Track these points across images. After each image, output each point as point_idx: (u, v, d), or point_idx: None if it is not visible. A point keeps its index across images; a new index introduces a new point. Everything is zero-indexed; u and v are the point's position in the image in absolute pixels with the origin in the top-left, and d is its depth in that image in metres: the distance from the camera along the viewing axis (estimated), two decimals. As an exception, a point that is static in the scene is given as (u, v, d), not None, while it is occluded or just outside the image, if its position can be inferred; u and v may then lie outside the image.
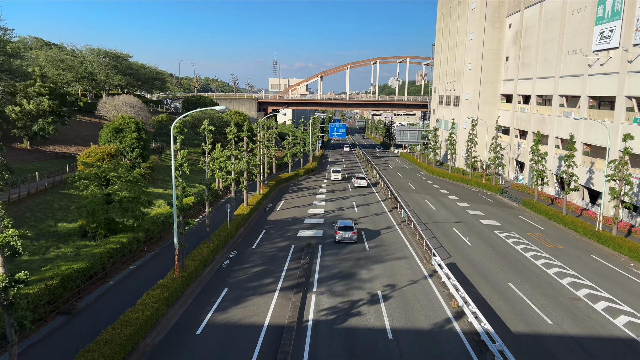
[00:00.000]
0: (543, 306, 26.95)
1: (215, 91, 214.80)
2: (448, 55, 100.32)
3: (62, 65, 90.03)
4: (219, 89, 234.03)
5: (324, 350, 21.57)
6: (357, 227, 45.15)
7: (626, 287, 30.55)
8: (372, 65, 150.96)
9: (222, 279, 30.70)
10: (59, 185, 46.82)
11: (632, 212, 45.07)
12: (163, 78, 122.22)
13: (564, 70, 59.28)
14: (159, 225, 39.59)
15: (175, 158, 28.74)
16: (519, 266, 34.24)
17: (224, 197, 59.35)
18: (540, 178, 54.77)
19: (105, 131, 57.78)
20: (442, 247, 38.55)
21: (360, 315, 25.34)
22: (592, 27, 52.47)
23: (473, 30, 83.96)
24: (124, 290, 28.25)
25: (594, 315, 25.89)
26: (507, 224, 47.89)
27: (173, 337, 22.73)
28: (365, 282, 30.38)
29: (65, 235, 35.90)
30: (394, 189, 64.83)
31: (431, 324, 24.41)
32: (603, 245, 40.05)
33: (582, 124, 53.47)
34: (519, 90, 74.49)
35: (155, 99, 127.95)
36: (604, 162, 45.56)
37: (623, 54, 46.77)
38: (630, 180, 39.73)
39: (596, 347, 22.33)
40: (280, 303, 26.67)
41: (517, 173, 75.44)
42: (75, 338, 21.77)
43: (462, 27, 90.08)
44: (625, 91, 46.69)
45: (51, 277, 25.09)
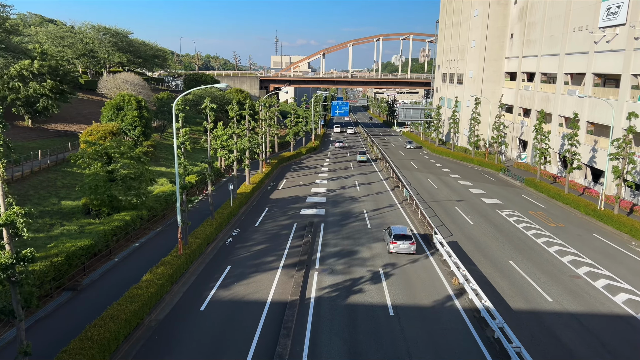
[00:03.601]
0: (543, 284, 27.22)
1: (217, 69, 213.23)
2: (452, 32, 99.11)
3: (62, 42, 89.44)
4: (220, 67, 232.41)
5: (326, 326, 21.86)
6: (360, 205, 45.22)
7: (626, 265, 30.79)
8: (375, 42, 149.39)
9: (225, 257, 30.97)
10: (62, 164, 46.94)
11: (634, 191, 45.10)
12: (164, 55, 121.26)
13: (570, 48, 58.62)
14: (162, 203, 39.82)
15: (177, 136, 28.74)
16: (520, 244, 34.45)
17: (227, 175, 59.45)
18: (543, 157, 54.70)
19: (106, 109, 57.60)
20: (443, 226, 38.75)
21: (362, 292, 25.63)
22: (599, 3, 51.69)
23: (478, 6, 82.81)
24: (128, 267, 28.56)
25: (594, 293, 26.15)
26: (509, 202, 48.01)
27: (177, 313, 23.05)
28: (367, 260, 30.64)
29: (69, 213, 36.13)
30: (396, 167, 64.86)
31: (432, 301, 24.69)
32: (604, 223, 40.21)
33: (587, 102, 53.11)
34: (523, 67, 73.82)
35: (156, 77, 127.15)
36: (607, 140, 45.41)
37: (630, 30, 46.19)
38: (633, 159, 39.67)
39: (595, 324, 22.61)
40: (283, 280, 26.96)
41: (520, 152, 75.27)
42: (81, 314, 22.11)
43: (466, 4, 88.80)
44: (631, 69, 46.25)
45: (56, 254, 25.36)
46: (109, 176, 35.26)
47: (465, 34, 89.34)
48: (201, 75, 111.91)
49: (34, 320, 21.75)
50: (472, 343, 20.60)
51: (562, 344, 20.80)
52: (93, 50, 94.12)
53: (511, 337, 19.61)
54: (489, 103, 79.06)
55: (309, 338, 20.80)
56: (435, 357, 19.46)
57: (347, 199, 48.18)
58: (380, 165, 71.57)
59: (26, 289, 15.13)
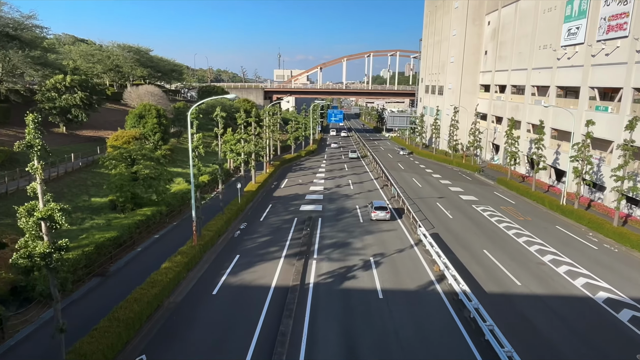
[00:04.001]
0: (513, 270, 27.37)
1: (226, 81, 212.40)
2: (434, 49, 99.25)
3: (92, 59, 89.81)
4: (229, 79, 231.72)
5: (323, 308, 22.00)
6: (353, 202, 45.40)
7: (585, 253, 31.01)
8: (366, 57, 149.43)
9: (234, 247, 31.04)
10: (92, 165, 46.86)
11: (592, 189, 45.38)
12: (180, 70, 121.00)
13: (536, 63, 58.89)
14: (179, 200, 39.84)
15: (192, 141, 28.82)
16: (493, 236, 34.64)
17: (235, 175, 59.44)
18: (513, 159, 54.96)
19: (130, 117, 57.63)
20: (426, 220, 38.86)
21: (355, 278, 25.72)
22: (561, 25, 51.98)
23: (456, 27, 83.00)
24: (149, 256, 28.57)
25: (557, 278, 26.37)
26: (484, 199, 48.20)
27: (193, 296, 23.15)
28: (359, 250, 30.69)
29: (98, 209, 36.14)
30: (385, 168, 64.97)
31: (416, 285, 24.83)
32: (566, 217, 40.47)
33: (551, 111, 53.41)
34: (495, 80, 74.04)
35: (173, 89, 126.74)
36: (568, 144, 45.60)
37: (587, 48, 46.49)
38: (591, 161, 39.96)
39: (557, 304, 22.84)
40: (285, 268, 27.01)
41: (493, 154, 75.48)
42: (108, 297, 22.14)
43: (446, 24, 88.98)
44: (589, 82, 46.57)
45: (87, 245, 25.51)
46: (132, 176, 35.29)
47: (445, 51, 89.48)
48: (213, 87, 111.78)
49: (68, 302, 21.85)
50: (451, 322, 20.79)
51: (529, 322, 21.01)
52: (119, 65, 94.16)
53: (485, 317, 19.76)
54: (466, 112, 79.28)
55: (308, 318, 20.94)
56: (419, 334, 19.64)
57: (341, 196, 48.25)
58: (370, 166, 71.63)
59: (62, 274, 15.26)
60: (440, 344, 18.92)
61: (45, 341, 18.30)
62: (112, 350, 17.23)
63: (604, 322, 21.26)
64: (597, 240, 34.34)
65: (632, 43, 39.85)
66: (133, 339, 18.75)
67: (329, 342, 19.02)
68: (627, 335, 20.15)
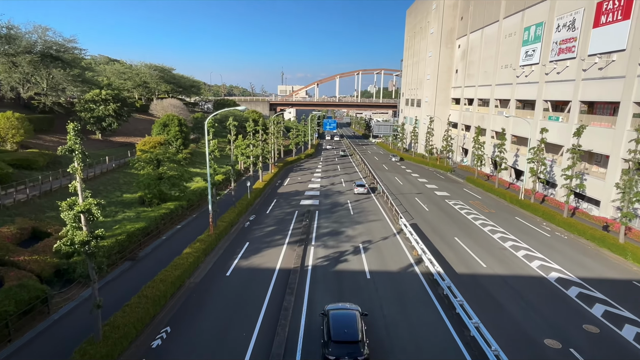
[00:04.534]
0: (479, 254, 27.52)
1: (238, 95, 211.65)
2: (412, 68, 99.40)
3: (123, 76, 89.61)
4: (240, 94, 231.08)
5: (320, 286, 22.08)
6: (345, 197, 45.43)
7: (539, 240, 31.19)
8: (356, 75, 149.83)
9: (244, 236, 31.04)
10: (123, 166, 46.76)
11: (545, 186, 45.60)
12: (198, 85, 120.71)
13: (498, 80, 59.07)
14: (197, 195, 39.78)
15: (209, 146, 28.84)
16: (462, 225, 34.77)
17: (245, 175, 59.36)
18: (479, 160, 55.13)
19: (155, 126, 57.46)
20: (407, 212, 38.97)
21: (346, 261, 25.80)
22: (520, 48, 52.15)
23: (431, 49, 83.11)
24: (173, 243, 28.58)
25: (516, 261, 26.51)
26: (455, 194, 48.35)
27: (210, 277, 23.19)
28: (351, 237, 30.76)
29: (129, 203, 36.08)
30: (371, 168, 65.07)
31: (398, 267, 24.92)
32: (524, 210, 40.64)
33: (511, 121, 53.63)
34: (465, 95, 74.22)
35: (192, 101, 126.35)
36: (526, 149, 45.88)
37: (542, 68, 46.68)
38: (544, 162, 40.13)
39: (516, 283, 22.99)
40: (288, 253, 27.08)
41: (463, 157, 75.68)
42: (138, 278, 22.22)
43: (423, 47, 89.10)
44: (543, 96, 46.75)
45: (120, 234, 25.47)
46: (158, 176, 35.22)
47: (422, 70, 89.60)
48: (226, 100, 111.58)
49: (104, 282, 21.90)
50: (427, 298, 20.91)
51: (492, 297, 21.16)
52: (146, 82, 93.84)
53: (456, 293, 19.92)
54: (440, 121, 79.45)
55: (307, 295, 21.04)
56: (400, 308, 19.76)
57: (335, 193, 48.29)
58: (360, 167, 71.61)
59: (98, 259, 15.27)
60: (418, 316, 19.03)
61: (84, 316, 18.30)
62: (141, 323, 17.28)
63: (555, 297, 21.43)
64: (549, 229, 34.55)
65: (579, 63, 40.06)
66: (159, 314, 18.80)
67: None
68: (574, 308, 20.33)
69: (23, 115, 42.89)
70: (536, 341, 17.37)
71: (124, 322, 16.28)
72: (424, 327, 18.06)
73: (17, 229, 24.30)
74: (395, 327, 18.01)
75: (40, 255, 21.60)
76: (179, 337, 17.15)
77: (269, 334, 17.36)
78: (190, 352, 16.11)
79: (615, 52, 35.22)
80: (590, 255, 28.09)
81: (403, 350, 16.39)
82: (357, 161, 77.73)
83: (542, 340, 17.48)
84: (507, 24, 56.59)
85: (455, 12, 78.14)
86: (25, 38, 53.53)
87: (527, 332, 18.00)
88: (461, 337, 17.37)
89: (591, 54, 38.29)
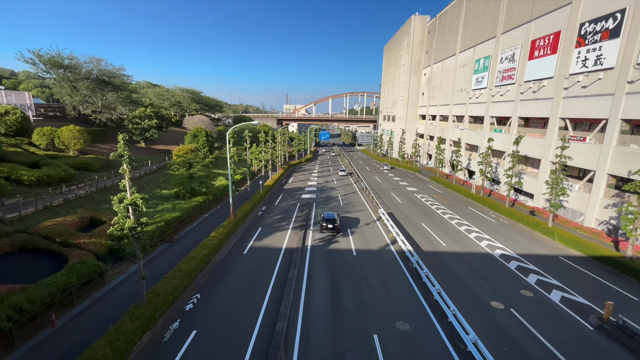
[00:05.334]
0: (441, 236, 27.50)
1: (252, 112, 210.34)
2: (389, 91, 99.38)
3: (162, 97, 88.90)
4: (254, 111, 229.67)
5: (317, 261, 22.01)
6: (336, 192, 45.13)
7: (487, 224, 31.24)
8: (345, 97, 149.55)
9: (258, 222, 30.87)
10: (162, 168, 46.37)
11: (492, 183, 45.82)
12: (221, 105, 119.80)
13: (456, 100, 59.17)
14: (220, 191, 39.53)
15: (229, 152, 28.69)
16: (428, 214, 34.79)
17: (258, 175, 59.12)
18: (440, 163, 55.23)
19: (187, 136, 57.07)
20: (385, 204, 39.00)
21: (337, 242, 25.71)
22: (472, 75, 52.26)
23: (403, 76, 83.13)
24: (201, 228, 28.39)
25: (469, 241, 26.55)
26: (422, 189, 48.38)
27: (230, 255, 23.05)
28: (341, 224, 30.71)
29: (167, 197, 35.83)
30: (356, 169, 65.01)
31: (378, 246, 24.88)
32: (475, 201, 40.75)
33: (465, 132, 53.78)
34: (429, 112, 74.27)
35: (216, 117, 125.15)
36: (476, 154, 46.02)
37: (489, 91, 46.80)
38: (491, 164, 40.29)
39: (469, 258, 23.05)
40: (292, 236, 26.96)
41: (428, 160, 75.75)
42: (174, 256, 22.08)
43: (397, 75, 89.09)
44: (490, 113, 46.86)
45: (159, 221, 25.33)
46: (189, 175, 35.05)
47: (396, 92, 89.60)
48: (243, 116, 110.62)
49: (147, 259, 21.77)
50: (400, 270, 20.94)
51: (451, 269, 21.25)
52: (180, 102, 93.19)
53: (422, 266, 19.99)
54: (410, 132, 79.46)
55: (307, 268, 21.00)
56: (380, 277, 19.79)
57: (329, 189, 48.15)
58: (348, 169, 71.39)
59: (142, 241, 15.21)
60: (393, 283, 19.09)
61: (132, 285, 18.21)
62: (177, 291, 17.21)
63: (499, 269, 21.54)
64: (495, 216, 34.70)
65: (518, 87, 40.24)
66: (191, 284, 18.73)
67: (321, 282, 19.11)
68: (514, 278, 20.47)
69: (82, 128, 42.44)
70: (484, 303, 17.49)
71: (163, 290, 16.21)
72: (398, 293, 18.13)
73: (78, 217, 24.11)
74: (375, 292, 18.06)
75: (96, 239, 21.45)
76: (206, 302, 17.09)
77: (277, 299, 17.35)
78: (215, 314, 16.07)
79: (545, 79, 35.43)
80: (526, 236, 28.26)
81: (382, 308, 16.45)
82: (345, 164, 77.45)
83: (489, 302, 17.60)
84: (462, 57, 56.70)
85: (422, 47, 78.20)
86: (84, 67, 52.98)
87: (478, 296, 18.12)
88: (427, 300, 17.45)
89: (527, 80, 38.48)
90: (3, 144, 34.36)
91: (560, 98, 33.09)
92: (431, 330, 15.10)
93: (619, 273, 21.44)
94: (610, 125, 27.65)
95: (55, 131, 40.42)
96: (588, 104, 29.92)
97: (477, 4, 51.31)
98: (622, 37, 26.62)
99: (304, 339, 14.46)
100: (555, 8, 34.07)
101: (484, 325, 15.56)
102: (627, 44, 26.25)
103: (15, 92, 53.58)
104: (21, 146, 37.53)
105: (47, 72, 51.80)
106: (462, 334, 14.18)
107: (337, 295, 17.79)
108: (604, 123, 28.57)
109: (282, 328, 14.74)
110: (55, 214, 24.77)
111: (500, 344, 14.46)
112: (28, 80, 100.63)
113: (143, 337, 14.18)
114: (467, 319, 15.86)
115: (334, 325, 15.30)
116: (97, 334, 14.23)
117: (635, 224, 21.97)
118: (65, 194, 28.83)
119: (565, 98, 32.60)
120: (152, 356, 13.42)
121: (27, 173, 28.67)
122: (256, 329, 15.00)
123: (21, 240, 19.73)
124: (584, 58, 30.32)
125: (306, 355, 13.53)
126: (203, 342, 14.15)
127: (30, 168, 30.29)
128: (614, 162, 27.33)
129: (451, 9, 61.60)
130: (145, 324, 14.37)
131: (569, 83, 32.03)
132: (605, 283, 20.04)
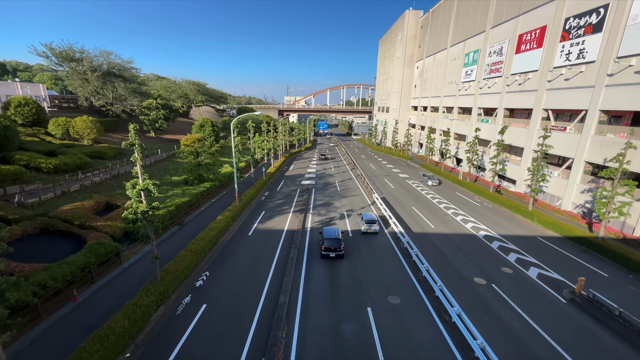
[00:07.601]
0: (429, 219, 27.56)
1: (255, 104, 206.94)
2: (383, 84, 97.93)
3: (169, 89, 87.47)
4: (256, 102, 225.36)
5: (315, 242, 22.08)
6: (334, 179, 45.02)
7: (472, 208, 31.35)
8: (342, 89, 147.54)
9: (261, 206, 30.85)
10: (171, 156, 45.94)
11: (478, 170, 45.85)
12: (225, 96, 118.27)
13: (446, 92, 58.46)
14: (226, 178, 39.35)
15: (234, 141, 28.45)
16: (418, 198, 34.81)
17: (261, 162, 58.77)
18: (430, 151, 55.06)
19: (194, 126, 56.37)
20: (378, 189, 39.04)
21: (335, 224, 25.74)
22: (462, 69, 51.44)
23: (397, 70, 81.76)
24: (209, 212, 28.37)
25: (455, 223, 26.66)
26: (412, 176, 48.31)
27: (236, 236, 23.12)
28: (337, 207, 30.62)
29: (176, 184, 35.66)
30: (352, 157, 64.76)
31: (371, 228, 25.02)
32: (462, 187, 40.78)
33: (454, 123, 53.40)
34: (421, 103, 73.47)
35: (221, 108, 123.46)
36: (464, 143, 45.85)
37: (477, 83, 46.19)
38: (477, 152, 40.19)
39: (456, 239, 23.22)
40: (293, 219, 27.00)
41: (419, 149, 75.47)
42: (184, 237, 22.14)
43: (391, 68, 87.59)
44: (478, 104, 46.40)
45: (170, 206, 25.31)
46: (197, 163, 34.82)
47: (390, 85, 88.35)
48: (246, 107, 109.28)
49: (159, 240, 21.86)
50: (392, 250, 21.12)
51: (438, 249, 21.45)
52: (186, 94, 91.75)
53: (412, 246, 20.20)
54: (403, 123, 78.82)
55: (307, 248, 21.14)
56: (372, 256, 20.01)
57: (327, 175, 48.02)
58: (345, 157, 71.15)
59: (155, 224, 15.27)
60: (385, 260, 19.33)
61: (146, 264, 18.39)
62: (188, 269, 17.41)
63: (482, 248, 21.76)
64: (480, 200, 34.81)
65: (504, 80, 39.72)
66: (200, 263, 18.93)
67: (320, 260, 19.34)
68: (496, 256, 20.76)
69: (95, 119, 41.84)
70: (468, 279, 17.82)
71: (175, 268, 16.41)
72: (390, 269, 18.41)
73: (94, 202, 24.11)
74: (370, 269, 18.33)
75: (112, 222, 21.51)
76: (215, 279, 17.33)
77: (280, 276, 17.60)
78: (223, 290, 16.33)
79: (530, 72, 34.93)
80: (507, 219, 28.47)
81: (375, 284, 16.75)
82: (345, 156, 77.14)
83: (473, 278, 17.93)
84: (453, 50, 55.64)
85: (415, 41, 76.60)
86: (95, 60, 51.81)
87: (462, 273, 18.43)
88: (416, 277, 17.75)
89: (513, 73, 37.93)
90: (21, 134, 33.94)
91: (544, 90, 32.74)
92: (420, 303, 15.43)
93: (591, 252, 21.79)
94: (589, 115, 27.50)
95: (69, 121, 39.87)
96: (570, 96, 29.64)
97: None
98: (604, 31, 26.11)
99: (304, 311, 14.77)
100: (542, 3, 33.24)
101: (468, 299, 15.90)
102: (608, 38, 25.79)
103: (31, 85, 52.48)
104: (38, 136, 37.10)
105: (59, 64, 50.67)
106: (448, 307, 14.51)
107: (335, 273, 18.06)
108: (584, 114, 28.40)
109: (284, 302, 15.03)
110: (72, 199, 24.75)
111: (482, 315, 14.83)
112: (42, 73, 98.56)
113: (157, 310, 14.46)
114: (452, 294, 16.19)
115: (331, 299, 15.60)
116: (116, 307, 14.49)
117: (608, 207, 22.19)
118: (82, 180, 28.72)
119: (549, 90, 32.25)
120: (166, 328, 13.73)
121: (44, 161, 28.46)
122: (261, 302, 15.28)
123: (42, 223, 19.79)
124: (567, 52, 29.83)
125: (306, 326, 13.86)
126: (212, 315, 14.44)
127: (47, 156, 30.04)
128: (591, 150, 27.33)
129: (443, 4, 60.02)
130: (159, 298, 14.61)
131: (553, 76, 31.63)
132: (578, 261, 20.40)
